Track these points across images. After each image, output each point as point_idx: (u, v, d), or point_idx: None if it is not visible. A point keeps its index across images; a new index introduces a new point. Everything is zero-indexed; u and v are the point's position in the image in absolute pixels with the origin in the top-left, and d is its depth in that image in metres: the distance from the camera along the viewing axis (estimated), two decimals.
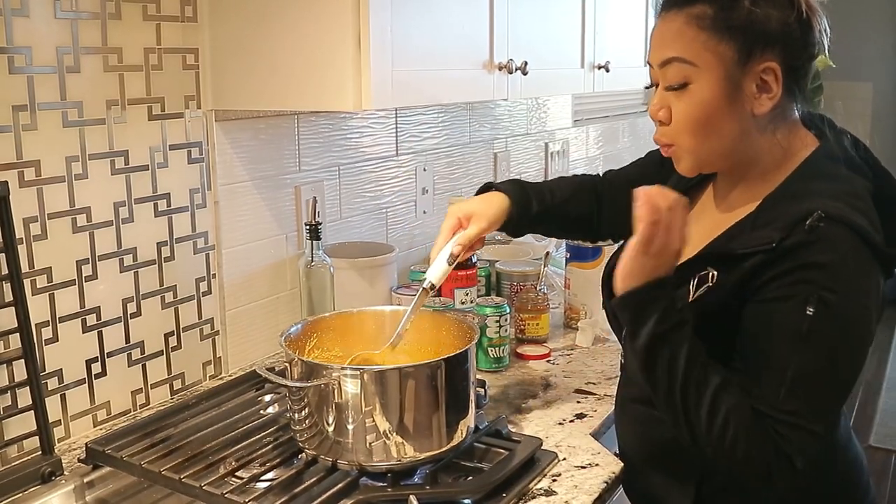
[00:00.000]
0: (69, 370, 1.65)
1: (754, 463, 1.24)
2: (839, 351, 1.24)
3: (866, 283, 1.26)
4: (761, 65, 1.30)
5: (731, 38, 1.29)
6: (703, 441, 1.27)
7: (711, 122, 1.33)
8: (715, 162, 1.39)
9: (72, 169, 1.60)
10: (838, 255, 1.22)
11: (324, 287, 2.00)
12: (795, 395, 1.23)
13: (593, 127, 3.82)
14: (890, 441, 4.47)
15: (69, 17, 1.57)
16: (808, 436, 1.23)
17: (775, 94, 1.31)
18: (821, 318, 1.21)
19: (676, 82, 1.33)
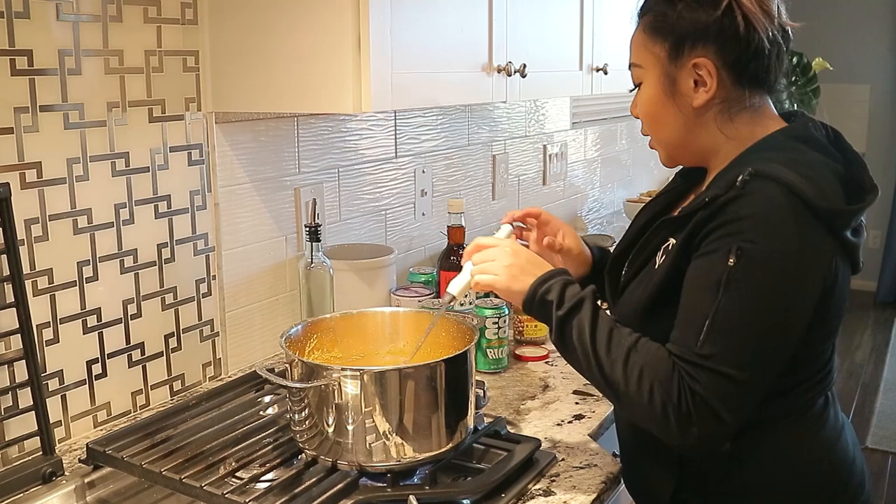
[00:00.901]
0: (70, 371, 1.65)
1: (674, 413, 1.27)
2: (760, 300, 1.27)
3: (792, 233, 1.28)
4: (691, 60, 1.39)
5: (664, 39, 1.41)
6: (627, 403, 1.33)
7: (658, 115, 1.46)
8: (678, 152, 1.50)
9: (73, 171, 1.61)
10: (761, 208, 1.28)
11: (323, 289, 2.01)
12: (712, 340, 1.27)
13: (591, 129, 3.83)
14: (887, 443, 4.48)
15: (70, 19, 1.57)
16: (726, 381, 1.26)
17: (710, 88, 1.39)
18: (740, 268, 1.26)
19: (635, 83, 1.50)
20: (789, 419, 1.43)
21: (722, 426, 1.27)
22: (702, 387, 1.26)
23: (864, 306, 6.78)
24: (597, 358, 1.33)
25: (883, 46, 6.83)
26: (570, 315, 1.37)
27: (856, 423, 4.70)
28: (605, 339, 1.34)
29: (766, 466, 1.43)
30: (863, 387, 5.24)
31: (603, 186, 4.00)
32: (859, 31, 6.82)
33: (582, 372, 1.39)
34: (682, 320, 1.32)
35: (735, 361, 1.26)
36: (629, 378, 1.30)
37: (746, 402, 1.29)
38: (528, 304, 1.43)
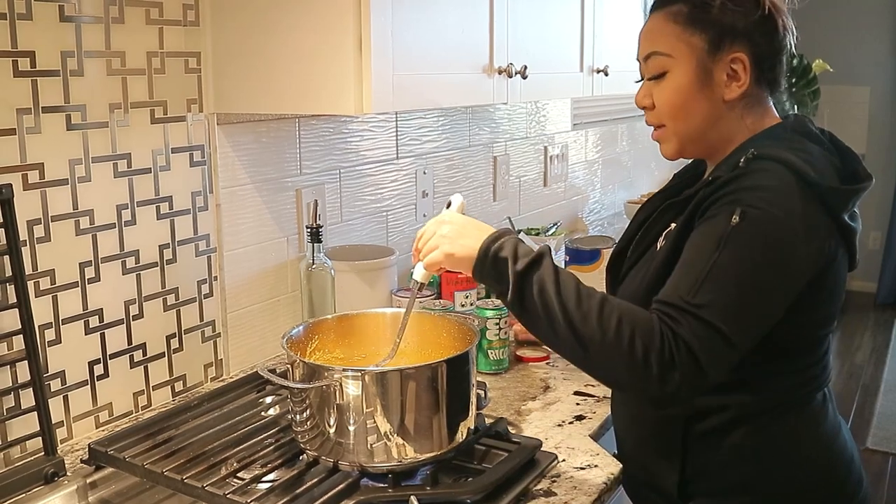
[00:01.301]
0: (72, 372, 1.66)
1: (656, 359, 1.24)
2: (758, 259, 1.30)
3: (793, 204, 1.32)
4: (730, 55, 1.44)
5: (703, 31, 1.44)
6: (602, 357, 1.28)
7: (687, 105, 1.47)
8: (693, 143, 1.51)
9: (75, 172, 1.61)
10: (765, 181, 1.34)
11: (324, 289, 2.02)
12: (705, 290, 1.27)
13: (592, 130, 3.84)
14: (887, 444, 4.48)
15: (73, 21, 1.58)
16: (712, 332, 1.25)
17: (744, 83, 1.45)
18: (743, 227, 1.30)
19: (655, 73, 1.49)
20: (789, 414, 1.46)
21: (701, 376, 1.25)
22: (686, 332, 1.25)
23: (865, 308, 6.79)
24: (565, 312, 1.28)
25: (883, 48, 6.83)
26: (529, 270, 1.32)
27: (856, 424, 4.70)
28: (573, 293, 1.30)
29: (768, 461, 1.45)
30: (863, 388, 5.24)
31: (604, 188, 4.00)
32: (859, 33, 6.82)
33: (541, 332, 1.33)
34: (676, 275, 1.33)
35: (724, 315, 1.26)
36: (605, 328, 1.26)
37: (726, 359, 1.28)
38: (479, 265, 1.37)
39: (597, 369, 1.33)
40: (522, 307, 1.33)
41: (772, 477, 1.45)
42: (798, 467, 1.46)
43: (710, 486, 1.49)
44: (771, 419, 1.45)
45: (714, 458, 1.47)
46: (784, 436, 1.46)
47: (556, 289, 1.29)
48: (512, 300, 1.33)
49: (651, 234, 1.54)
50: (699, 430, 1.47)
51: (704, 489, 1.49)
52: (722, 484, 1.48)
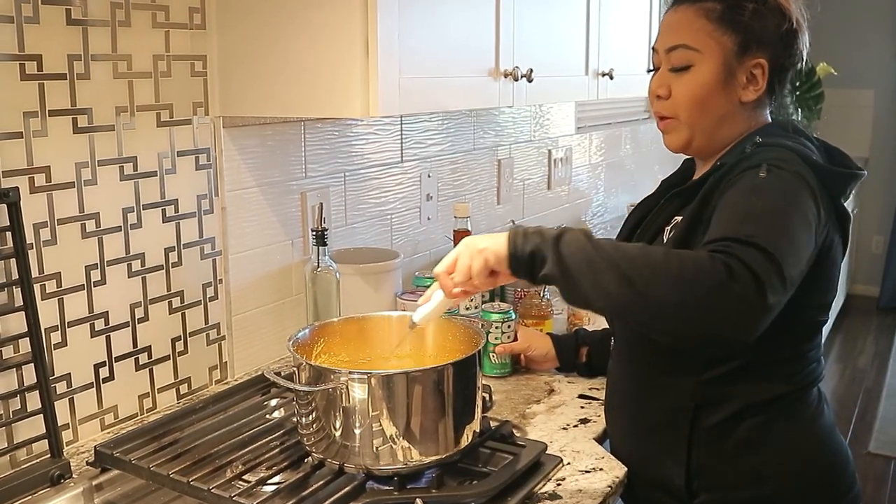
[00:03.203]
0: (77, 374, 1.66)
1: (708, 275, 1.20)
2: (788, 208, 1.33)
3: (804, 174, 1.39)
4: (754, 60, 1.51)
5: (734, 33, 1.49)
6: (653, 290, 1.22)
7: (707, 100, 1.52)
8: (703, 137, 1.55)
9: (81, 175, 1.61)
10: (780, 154, 1.42)
11: (329, 292, 2.02)
12: (751, 225, 1.28)
13: (596, 134, 3.84)
14: (889, 448, 4.47)
15: (80, 24, 1.58)
16: (765, 256, 1.22)
17: (760, 88, 1.52)
18: (770, 180, 1.36)
19: (680, 65, 1.53)
20: (790, 408, 1.50)
21: (760, 295, 1.20)
22: (740, 252, 1.22)
23: (867, 312, 6.78)
24: (609, 260, 1.24)
25: (887, 51, 6.83)
26: (562, 235, 1.29)
27: (858, 428, 4.70)
28: (611, 244, 1.29)
29: (772, 455, 1.49)
30: (865, 392, 5.23)
31: (607, 191, 4.01)
32: (863, 36, 6.82)
33: (588, 293, 1.27)
34: (718, 223, 1.34)
35: (773, 243, 1.24)
36: (653, 262, 1.23)
37: (779, 285, 1.23)
38: (512, 248, 1.32)
39: (653, 309, 1.24)
40: (564, 268, 1.27)
41: (775, 471, 1.49)
42: (799, 462, 1.50)
43: (715, 479, 1.51)
44: (774, 412, 1.49)
45: (720, 452, 1.50)
46: (786, 430, 1.49)
47: (594, 242, 1.27)
48: (552, 264, 1.28)
49: (653, 228, 1.57)
50: (706, 424, 1.50)
51: (710, 484, 1.52)
52: (727, 478, 1.51)
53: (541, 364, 2.04)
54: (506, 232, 1.35)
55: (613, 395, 1.69)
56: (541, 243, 1.30)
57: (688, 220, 1.46)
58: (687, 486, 1.52)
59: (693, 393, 1.50)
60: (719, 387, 1.48)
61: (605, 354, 1.80)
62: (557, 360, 2.02)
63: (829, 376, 5.41)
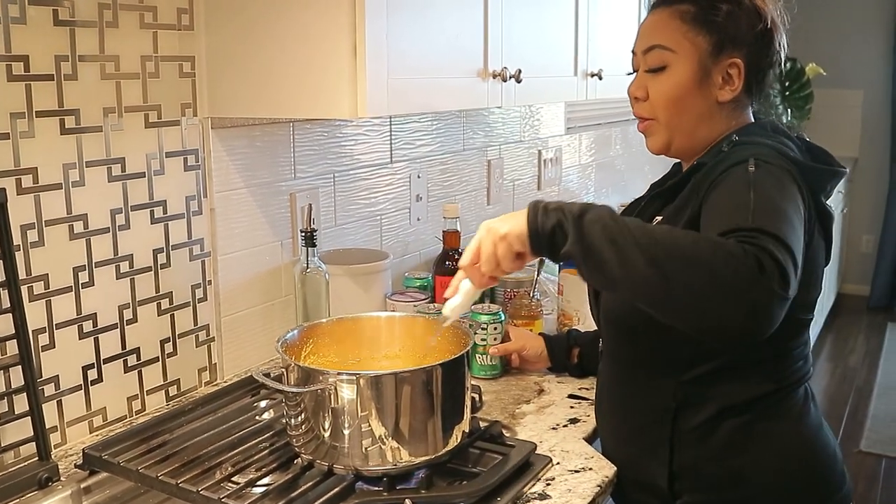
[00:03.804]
0: (66, 376, 1.65)
1: (743, 264, 1.17)
2: (785, 191, 1.35)
3: (790, 173, 1.39)
4: (729, 60, 1.52)
5: (709, 33, 1.51)
6: (680, 274, 1.19)
7: (683, 100, 1.53)
8: (682, 138, 1.57)
9: (69, 176, 1.61)
10: (759, 150, 1.42)
11: (319, 294, 2.01)
12: (758, 217, 1.26)
13: (586, 134, 3.84)
14: (880, 446, 4.48)
15: (67, 25, 1.58)
16: (780, 243, 1.21)
17: (737, 87, 1.53)
18: (761, 173, 1.36)
19: (656, 66, 1.54)
20: (774, 408, 1.50)
21: (785, 286, 1.18)
22: (764, 242, 1.20)
23: (857, 311, 6.80)
24: (634, 240, 1.21)
25: (876, 51, 6.85)
26: (585, 212, 1.26)
27: (849, 426, 4.71)
28: (635, 223, 1.25)
29: (755, 455, 1.48)
30: (856, 391, 5.25)
31: (597, 191, 4.01)
32: (852, 37, 6.84)
33: (611, 272, 1.23)
34: (719, 217, 1.31)
35: (785, 234, 1.23)
36: (680, 244, 1.20)
37: (796, 274, 1.22)
38: (533, 226, 1.30)
39: (679, 295, 1.20)
40: (586, 247, 1.24)
41: (759, 471, 1.48)
42: (784, 461, 1.50)
43: (698, 481, 1.51)
44: (758, 412, 1.49)
45: (703, 453, 1.50)
46: (770, 430, 1.49)
47: (620, 221, 1.24)
48: (573, 242, 1.25)
49: None
50: (688, 425, 1.50)
51: (692, 485, 1.52)
52: (710, 479, 1.51)
53: (533, 364, 2.04)
54: (524, 210, 1.32)
55: (602, 396, 1.69)
56: (562, 219, 1.27)
57: (666, 221, 1.47)
58: (670, 487, 1.52)
59: (674, 393, 1.50)
60: (700, 387, 1.48)
61: (597, 355, 1.80)
62: (549, 361, 2.02)
63: (821, 375, 5.43)
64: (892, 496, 4.06)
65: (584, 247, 1.24)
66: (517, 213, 1.32)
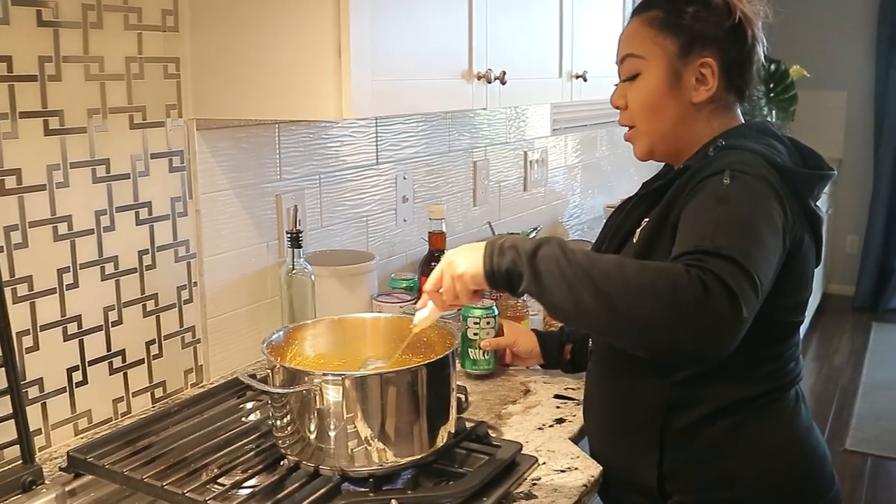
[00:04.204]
0: (50, 379, 1.65)
1: (686, 292, 1.19)
2: (757, 207, 1.34)
3: (769, 177, 1.39)
4: (699, 60, 1.51)
5: (675, 35, 1.51)
6: (627, 306, 1.22)
7: (657, 105, 1.54)
8: (663, 143, 1.58)
9: (53, 177, 1.60)
10: (741, 157, 1.42)
11: (305, 295, 2.01)
12: (721, 235, 1.28)
13: (571, 136, 3.85)
14: (865, 445, 4.51)
15: (51, 25, 1.57)
16: (736, 267, 1.22)
17: (711, 87, 1.52)
18: (735, 186, 1.35)
19: (630, 74, 1.56)
20: (765, 409, 1.50)
21: (735, 310, 1.20)
22: (714, 266, 1.22)
23: (843, 311, 6.83)
24: (584, 275, 1.24)
25: (859, 53, 6.88)
26: (538, 248, 1.29)
27: (835, 425, 4.73)
28: (587, 257, 1.28)
29: (745, 456, 1.49)
30: (842, 390, 5.27)
31: (583, 192, 4.02)
32: (836, 38, 6.87)
33: (564, 307, 1.28)
34: (686, 234, 1.33)
35: (743, 253, 1.24)
36: (628, 278, 1.23)
37: (752, 296, 1.24)
38: (489, 265, 1.33)
39: (628, 326, 1.25)
40: (541, 285, 1.28)
41: (750, 472, 1.48)
42: (776, 463, 1.50)
43: (688, 482, 1.51)
44: (748, 414, 1.49)
45: (693, 454, 1.50)
46: (760, 431, 1.49)
47: (569, 257, 1.27)
48: (528, 281, 1.29)
49: (624, 230, 1.58)
50: (678, 426, 1.50)
51: (683, 485, 1.52)
52: (700, 479, 1.51)
53: (525, 360, 2.03)
54: (483, 244, 1.36)
55: (591, 397, 1.69)
56: (516, 259, 1.31)
57: (653, 223, 1.46)
58: (660, 487, 1.52)
59: (665, 394, 1.50)
60: (691, 388, 1.48)
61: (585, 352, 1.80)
62: (542, 357, 2.00)
63: (806, 375, 5.44)
64: (877, 494, 4.08)
65: (538, 285, 1.29)
66: (476, 248, 1.37)
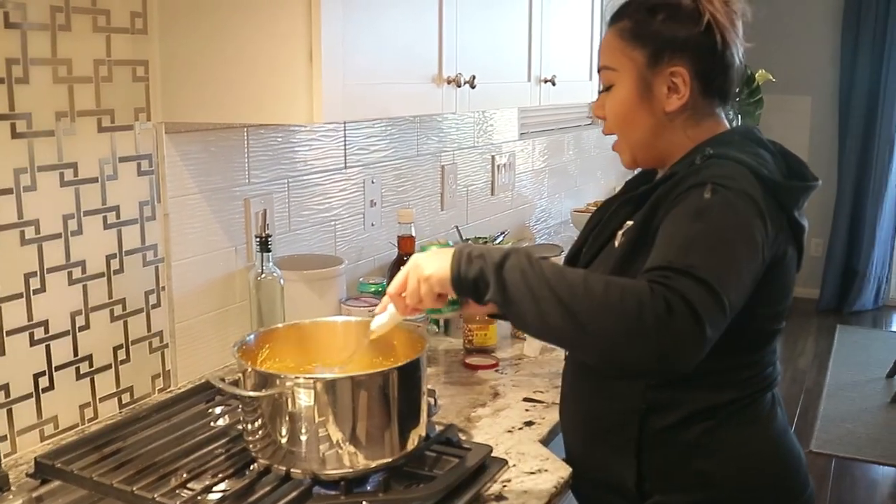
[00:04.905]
0: (16, 384, 1.63)
1: (650, 311, 1.20)
2: (735, 226, 1.34)
3: (753, 192, 1.37)
4: (669, 68, 1.50)
5: (643, 46, 1.51)
6: (594, 322, 1.23)
7: (629, 116, 1.54)
8: (642, 152, 1.57)
9: (20, 181, 1.59)
10: (726, 170, 1.39)
11: (274, 299, 2.01)
12: (693, 253, 1.28)
13: (539, 140, 3.86)
14: (830, 446, 4.56)
15: (18, 28, 1.56)
16: (704, 288, 1.23)
17: (683, 95, 1.50)
18: (717, 200, 1.34)
19: (605, 85, 1.57)
20: (743, 412, 1.51)
21: (700, 330, 1.21)
22: (680, 285, 1.22)
23: (807, 314, 6.90)
24: (550, 289, 1.25)
25: (823, 58, 6.97)
26: (505, 259, 1.30)
27: (800, 427, 4.78)
28: (554, 271, 1.28)
29: (723, 457, 1.49)
30: (806, 392, 5.33)
31: (550, 196, 4.03)
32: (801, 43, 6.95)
33: (529, 319, 1.29)
34: (658, 249, 1.33)
35: (714, 274, 1.25)
36: (594, 294, 1.23)
37: (720, 316, 1.25)
38: (456, 272, 1.34)
39: (591, 342, 1.26)
40: (507, 297, 1.29)
41: (727, 473, 1.50)
42: (752, 464, 1.51)
43: (666, 482, 1.52)
44: (726, 417, 1.49)
45: (670, 455, 1.51)
46: (738, 434, 1.50)
47: (536, 270, 1.27)
48: (495, 292, 1.30)
49: (607, 231, 1.58)
50: (656, 427, 1.50)
51: (661, 486, 1.52)
52: (678, 480, 1.51)
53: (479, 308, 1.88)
54: (452, 250, 1.36)
55: (566, 398, 1.69)
56: (483, 268, 1.31)
57: (636, 229, 1.46)
58: (638, 488, 1.52)
59: (644, 396, 1.49)
60: (670, 391, 1.48)
61: None
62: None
63: None
64: (842, 495, 4.14)
65: (504, 297, 1.29)
66: (445, 253, 1.37)
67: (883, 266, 7.07)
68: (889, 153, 6.81)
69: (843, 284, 7.06)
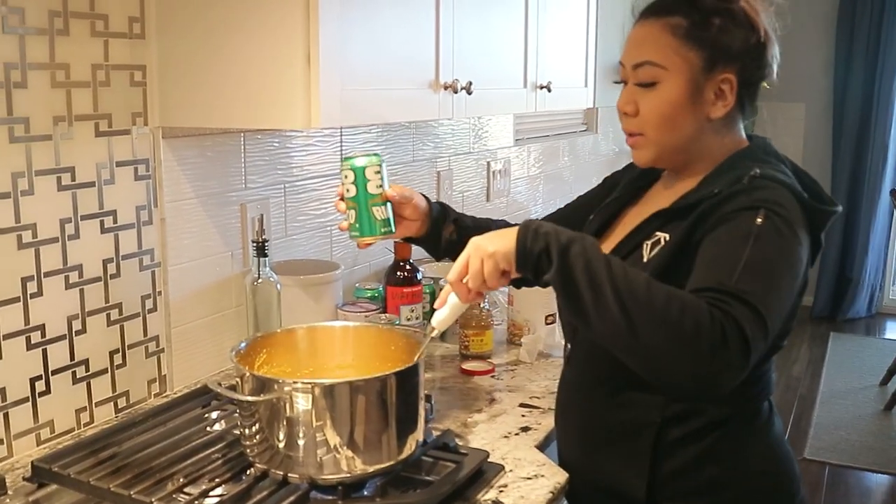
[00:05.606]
0: (13, 388, 1.63)
1: (706, 335, 1.21)
2: (784, 256, 1.34)
3: (799, 220, 1.39)
4: (721, 75, 1.48)
5: (700, 49, 1.47)
6: (648, 331, 1.23)
7: (674, 117, 1.49)
8: (671, 155, 1.54)
9: (17, 185, 1.59)
10: (777, 196, 1.38)
11: (270, 304, 2.01)
12: (746, 279, 1.28)
13: (534, 146, 3.87)
14: (824, 454, 4.56)
15: (16, 32, 1.56)
16: (756, 316, 1.24)
17: (729, 103, 1.49)
18: (767, 228, 1.33)
19: (646, 81, 1.50)
20: (745, 422, 1.53)
21: (746, 359, 1.23)
22: (738, 313, 1.23)
23: (801, 321, 6.90)
24: (613, 284, 1.24)
25: (817, 66, 6.99)
26: (572, 244, 1.29)
27: (794, 434, 4.79)
28: (620, 267, 1.27)
29: (730, 464, 1.51)
30: (800, 399, 5.33)
31: (545, 202, 4.04)
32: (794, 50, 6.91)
33: (583, 309, 1.27)
34: (710, 266, 1.32)
35: (764, 302, 1.26)
36: (654, 303, 1.23)
37: (764, 346, 1.27)
38: (521, 247, 1.32)
39: (641, 349, 1.26)
40: (567, 284, 1.28)
41: (734, 478, 1.51)
42: (755, 470, 1.53)
43: (676, 489, 1.52)
44: (734, 425, 1.51)
45: (680, 464, 1.51)
46: (743, 441, 1.52)
47: (603, 262, 1.27)
48: (556, 272, 1.28)
49: (635, 240, 1.53)
50: (671, 437, 1.50)
51: (670, 494, 1.52)
52: (686, 487, 1.52)
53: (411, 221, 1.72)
54: (515, 228, 1.35)
55: (568, 406, 1.68)
56: (549, 245, 1.30)
57: (675, 244, 1.43)
58: (648, 496, 1.51)
59: (663, 408, 1.49)
60: (689, 403, 1.49)
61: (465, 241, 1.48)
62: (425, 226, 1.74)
63: None
64: (836, 503, 4.14)
65: (564, 279, 1.28)
66: (507, 232, 1.36)
67: (877, 273, 7.08)
68: (883, 160, 6.82)
69: (837, 292, 7.07)
